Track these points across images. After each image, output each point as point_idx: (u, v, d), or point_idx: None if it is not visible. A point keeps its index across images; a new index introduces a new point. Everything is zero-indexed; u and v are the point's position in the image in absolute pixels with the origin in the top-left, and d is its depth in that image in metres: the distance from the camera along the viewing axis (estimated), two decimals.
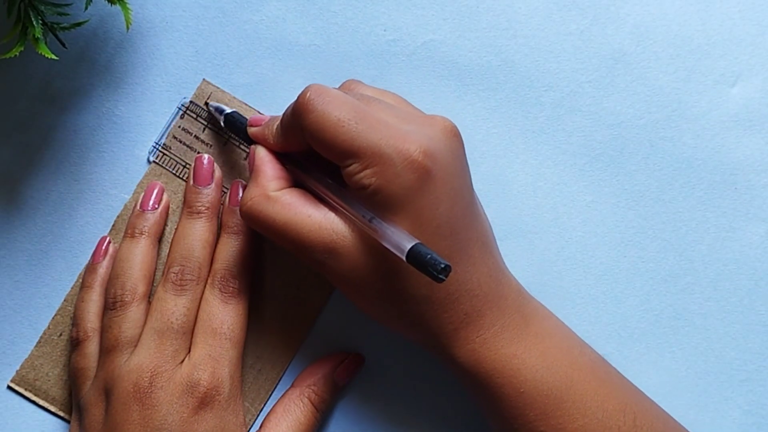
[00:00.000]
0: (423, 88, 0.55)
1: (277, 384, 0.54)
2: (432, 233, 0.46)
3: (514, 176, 0.55)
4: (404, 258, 0.44)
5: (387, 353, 0.54)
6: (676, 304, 0.54)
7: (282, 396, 0.53)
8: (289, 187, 0.50)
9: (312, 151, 0.48)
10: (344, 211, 0.47)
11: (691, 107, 0.55)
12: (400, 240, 0.44)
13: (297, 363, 0.54)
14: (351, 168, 0.46)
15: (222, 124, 0.53)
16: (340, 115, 0.46)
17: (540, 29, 0.55)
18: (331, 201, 0.48)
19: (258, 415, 0.54)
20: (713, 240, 0.54)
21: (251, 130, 0.52)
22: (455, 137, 0.49)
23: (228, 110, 0.53)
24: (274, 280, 0.54)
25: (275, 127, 0.50)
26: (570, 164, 0.55)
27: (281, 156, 0.50)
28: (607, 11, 0.55)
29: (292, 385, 0.53)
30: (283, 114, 0.50)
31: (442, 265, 0.43)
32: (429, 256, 0.43)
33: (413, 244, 0.44)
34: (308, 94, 0.47)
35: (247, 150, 0.55)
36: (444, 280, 0.43)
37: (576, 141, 0.55)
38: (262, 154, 0.50)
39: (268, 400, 0.54)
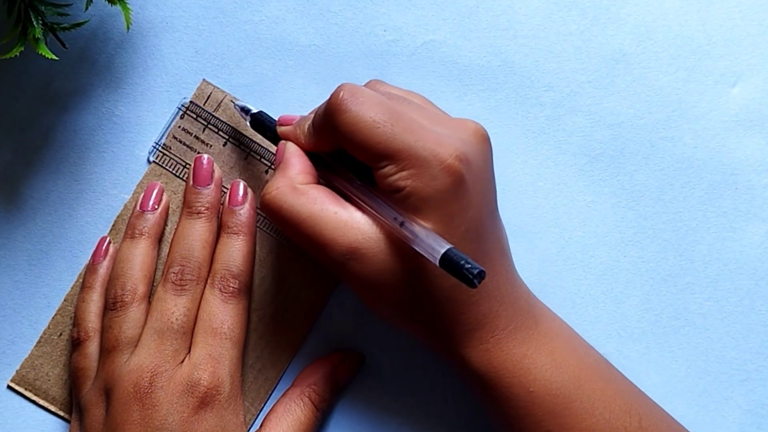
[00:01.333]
0: (423, 88, 0.55)
1: (277, 384, 0.54)
2: (460, 237, 0.46)
3: (514, 176, 0.55)
4: (437, 263, 0.44)
5: (387, 353, 0.54)
6: (676, 304, 0.54)
7: (282, 395, 0.53)
8: (316, 183, 0.49)
9: (341, 151, 0.48)
10: (373, 213, 0.47)
11: (691, 107, 0.55)
12: (434, 244, 0.44)
13: (297, 363, 0.54)
14: (386, 170, 0.46)
15: (248, 123, 0.53)
16: (374, 116, 0.46)
17: (540, 29, 0.55)
18: (360, 202, 0.48)
19: (258, 415, 0.54)
20: (713, 240, 0.54)
21: (281, 129, 0.51)
22: (486, 142, 0.49)
23: (254, 110, 0.53)
24: (274, 280, 0.54)
25: (307, 126, 0.50)
26: (570, 164, 0.55)
27: (310, 155, 0.50)
28: (608, 11, 0.55)
29: (293, 385, 0.53)
30: (315, 113, 0.50)
31: (477, 270, 0.43)
32: (463, 261, 0.43)
33: (447, 248, 0.44)
34: (341, 94, 0.47)
35: (248, 150, 0.55)
36: (477, 285, 0.43)
37: (576, 141, 0.55)
38: (292, 148, 0.50)
39: (268, 399, 0.54)
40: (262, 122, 0.52)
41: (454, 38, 0.55)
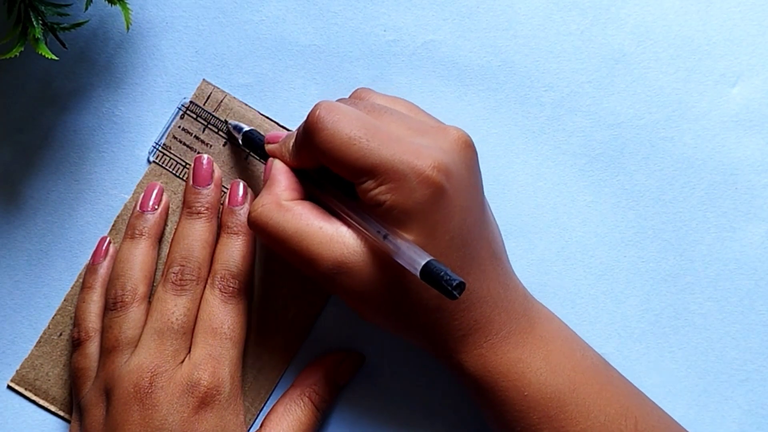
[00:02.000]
0: (423, 88, 0.55)
1: (277, 384, 0.54)
2: (445, 246, 0.46)
3: (514, 176, 0.55)
4: (418, 275, 0.44)
5: (387, 353, 0.54)
6: (676, 304, 0.54)
7: (282, 395, 0.53)
8: (302, 199, 0.50)
9: (325, 167, 0.48)
10: (358, 227, 0.47)
11: (691, 107, 0.55)
12: (414, 257, 0.44)
13: (297, 363, 0.54)
14: (366, 185, 0.46)
15: (240, 142, 0.53)
16: (350, 132, 0.46)
17: (540, 29, 0.55)
18: (344, 216, 0.48)
19: (258, 415, 0.54)
20: (713, 240, 0.54)
21: (268, 147, 0.51)
22: (469, 148, 0.49)
23: (246, 128, 0.53)
24: (274, 279, 0.54)
25: (291, 144, 0.50)
26: (570, 164, 0.55)
27: (297, 171, 0.50)
28: (607, 11, 0.55)
29: (293, 385, 0.53)
30: (296, 131, 0.50)
31: (456, 282, 0.43)
32: (443, 273, 0.43)
33: (426, 260, 0.44)
34: (318, 112, 0.47)
35: (247, 150, 0.55)
36: (458, 297, 0.43)
37: (576, 141, 0.55)
38: (279, 165, 0.50)
39: (268, 399, 0.54)
40: (252, 140, 0.53)
41: (454, 38, 0.55)
